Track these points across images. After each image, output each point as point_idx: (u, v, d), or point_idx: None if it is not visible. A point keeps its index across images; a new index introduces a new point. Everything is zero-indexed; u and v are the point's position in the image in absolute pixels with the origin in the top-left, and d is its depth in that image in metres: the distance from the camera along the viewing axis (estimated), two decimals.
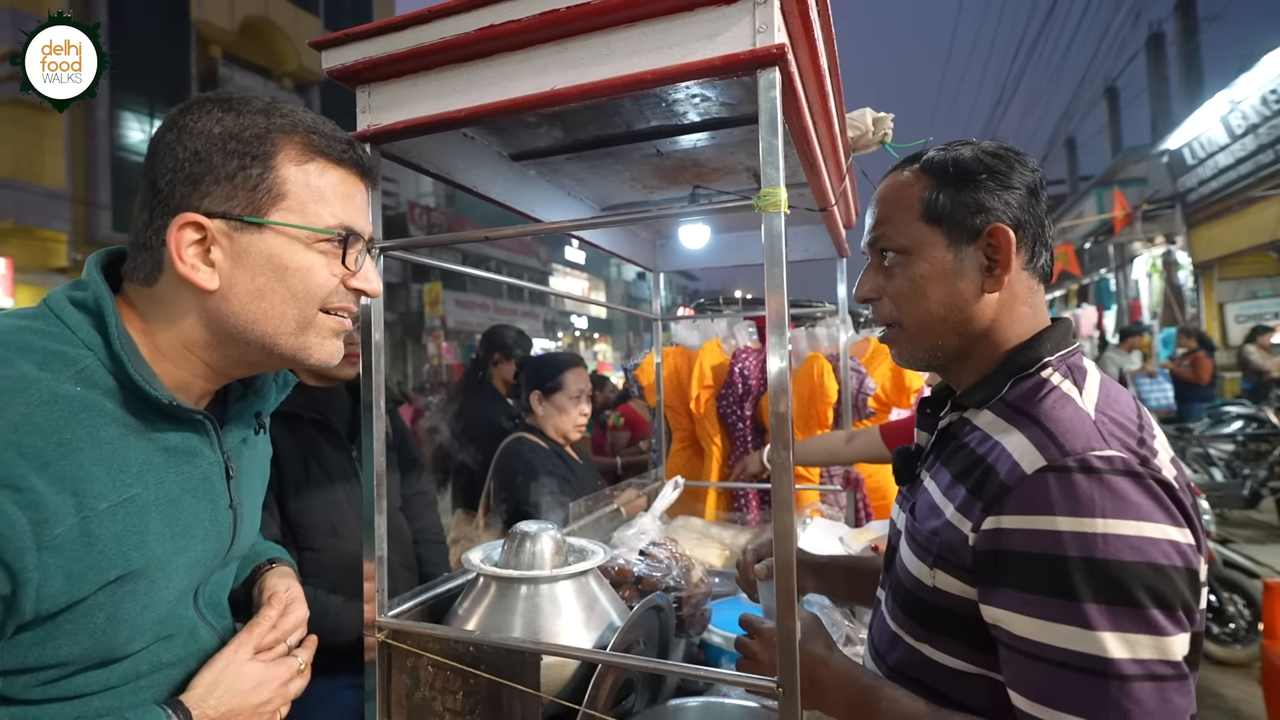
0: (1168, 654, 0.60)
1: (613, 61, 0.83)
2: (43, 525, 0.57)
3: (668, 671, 0.96)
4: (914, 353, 0.83)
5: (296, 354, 0.75)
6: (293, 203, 0.71)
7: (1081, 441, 0.65)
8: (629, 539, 1.49)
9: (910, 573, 0.78)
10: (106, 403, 0.65)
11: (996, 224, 0.75)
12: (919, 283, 0.79)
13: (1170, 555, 0.61)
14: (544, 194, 1.51)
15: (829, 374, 2.30)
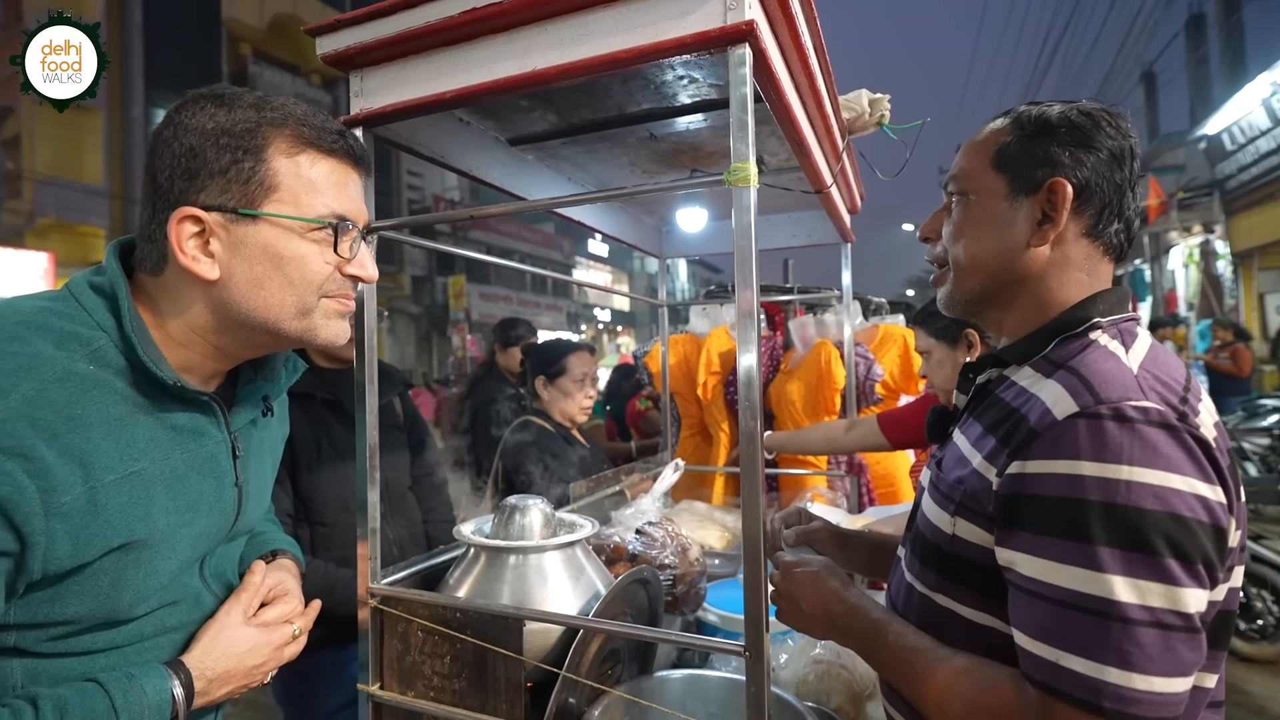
0: (1179, 604, 0.59)
1: (590, 41, 0.84)
2: (51, 493, 0.61)
3: (639, 637, 0.98)
4: (953, 294, 0.84)
5: (302, 335, 0.78)
6: (285, 194, 0.73)
7: (1119, 391, 0.64)
8: (626, 518, 1.51)
9: (931, 522, 0.78)
10: (117, 381, 0.69)
11: (1057, 179, 0.74)
12: (970, 225, 0.80)
13: (1195, 509, 0.60)
14: (543, 178, 1.53)
15: (836, 360, 2.30)
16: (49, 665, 0.67)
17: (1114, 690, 0.58)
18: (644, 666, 1.17)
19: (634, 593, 1.09)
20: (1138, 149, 0.77)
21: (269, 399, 0.88)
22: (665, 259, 2.27)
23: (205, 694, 0.75)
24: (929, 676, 0.70)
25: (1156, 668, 0.58)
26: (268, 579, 0.87)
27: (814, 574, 0.85)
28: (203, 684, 0.74)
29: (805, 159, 1.20)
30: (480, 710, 0.93)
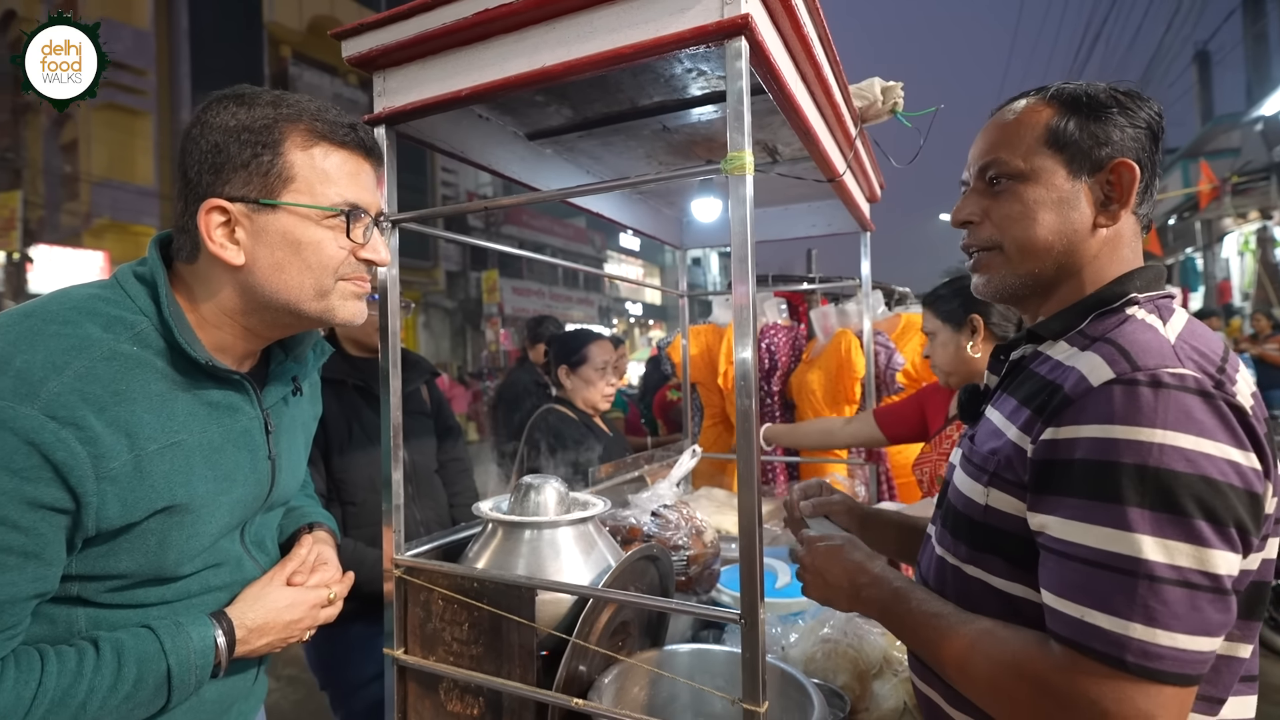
0: (1207, 565, 0.59)
1: (595, 38, 0.88)
2: (100, 459, 0.68)
3: (642, 604, 1.02)
4: (1006, 279, 0.82)
5: (321, 315, 0.83)
6: (301, 184, 0.79)
7: (1155, 359, 0.64)
8: (643, 501, 1.56)
9: (964, 494, 0.79)
10: (158, 361, 0.76)
11: (1122, 159, 0.75)
12: (1032, 207, 0.78)
13: (1227, 473, 0.60)
14: (561, 171, 1.58)
15: (856, 349, 2.30)
16: (108, 615, 0.75)
17: (1138, 645, 0.59)
18: (654, 641, 1.21)
19: (643, 569, 1.13)
20: (1164, 127, 0.78)
21: (298, 379, 0.95)
22: (685, 249, 2.30)
23: (245, 643, 0.82)
24: (951, 638, 0.71)
25: (1182, 625, 0.59)
26: (311, 551, 0.94)
27: (838, 548, 0.87)
28: (243, 633, 0.81)
29: (814, 147, 1.22)
30: (496, 674, 0.98)
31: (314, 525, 1.03)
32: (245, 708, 0.94)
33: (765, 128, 1.41)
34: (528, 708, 0.96)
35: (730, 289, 3.05)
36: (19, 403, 0.64)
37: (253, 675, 0.92)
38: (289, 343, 0.94)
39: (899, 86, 1.41)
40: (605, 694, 0.97)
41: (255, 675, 0.93)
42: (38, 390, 0.65)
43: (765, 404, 2.61)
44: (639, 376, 4.59)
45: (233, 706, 0.90)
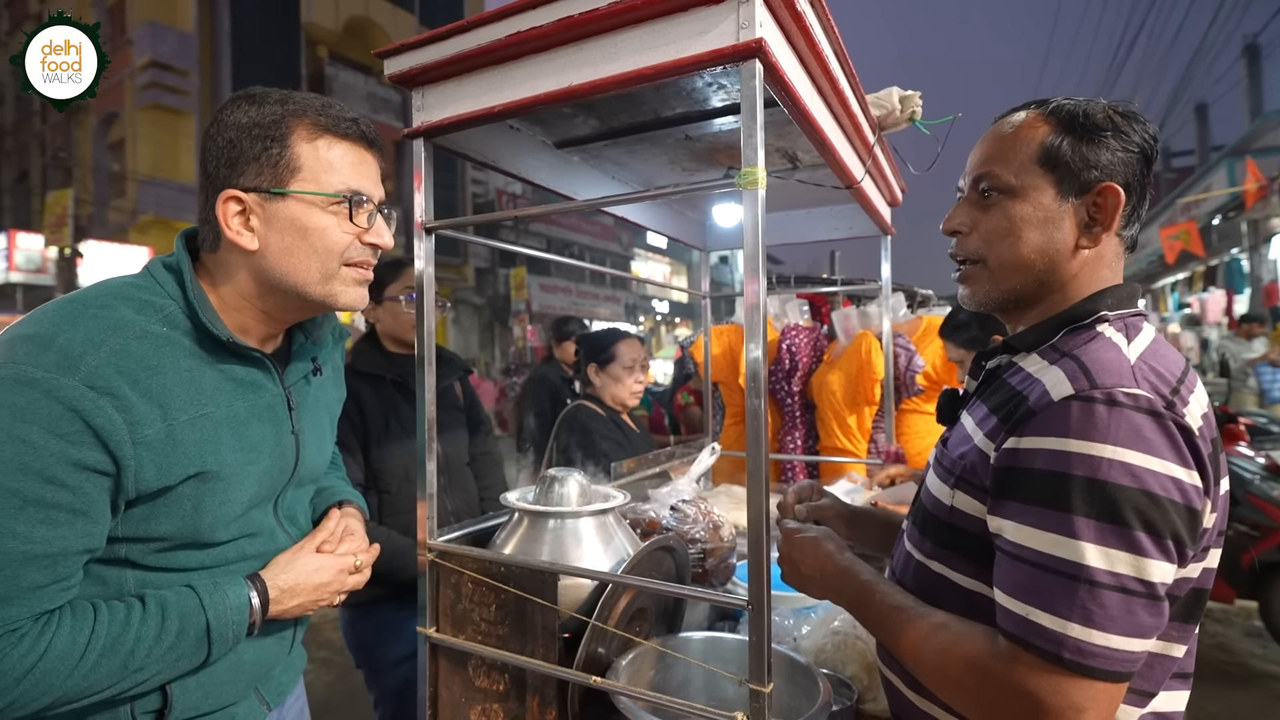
0: (1144, 574, 0.64)
1: (619, 59, 0.94)
2: (135, 426, 0.75)
3: (655, 589, 1.08)
4: (989, 294, 0.85)
5: (325, 299, 0.90)
6: (307, 174, 0.86)
7: (1113, 378, 0.68)
8: (663, 496, 1.62)
9: (932, 495, 0.84)
10: (186, 340, 0.83)
11: (1108, 183, 0.77)
12: (1017, 224, 0.80)
13: (1169, 489, 0.65)
14: (588, 178, 1.64)
15: (876, 351, 2.32)
16: (153, 577, 0.84)
17: (1074, 643, 0.64)
18: (670, 629, 1.27)
19: (660, 559, 1.19)
20: (1158, 151, 0.80)
21: (318, 360, 1.03)
22: (708, 251, 2.34)
23: (278, 603, 0.90)
24: (910, 629, 0.77)
25: (1116, 627, 0.64)
26: (340, 524, 1.02)
27: (812, 539, 0.93)
28: (275, 593, 0.90)
29: (830, 156, 1.26)
30: (521, 653, 1.05)
31: (343, 503, 1.11)
32: (284, 677, 1.03)
33: (785, 136, 1.45)
34: (550, 685, 1.03)
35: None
36: (62, 375, 0.71)
37: (289, 641, 1.00)
38: (308, 326, 1.01)
39: (917, 95, 1.44)
40: (622, 674, 1.03)
41: (291, 643, 1.01)
42: (78, 364, 0.73)
43: (786, 405, 2.64)
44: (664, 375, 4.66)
45: (272, 671, 0.98)
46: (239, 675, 0.91)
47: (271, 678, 0.99)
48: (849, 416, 2.44)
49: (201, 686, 0.87)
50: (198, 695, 0.87)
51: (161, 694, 0.84)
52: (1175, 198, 15.41)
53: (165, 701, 0.84)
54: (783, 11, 0.91)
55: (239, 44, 15.11)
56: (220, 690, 0.89)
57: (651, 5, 0.89)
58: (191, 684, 0.86)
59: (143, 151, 14.44)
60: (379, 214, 0.93)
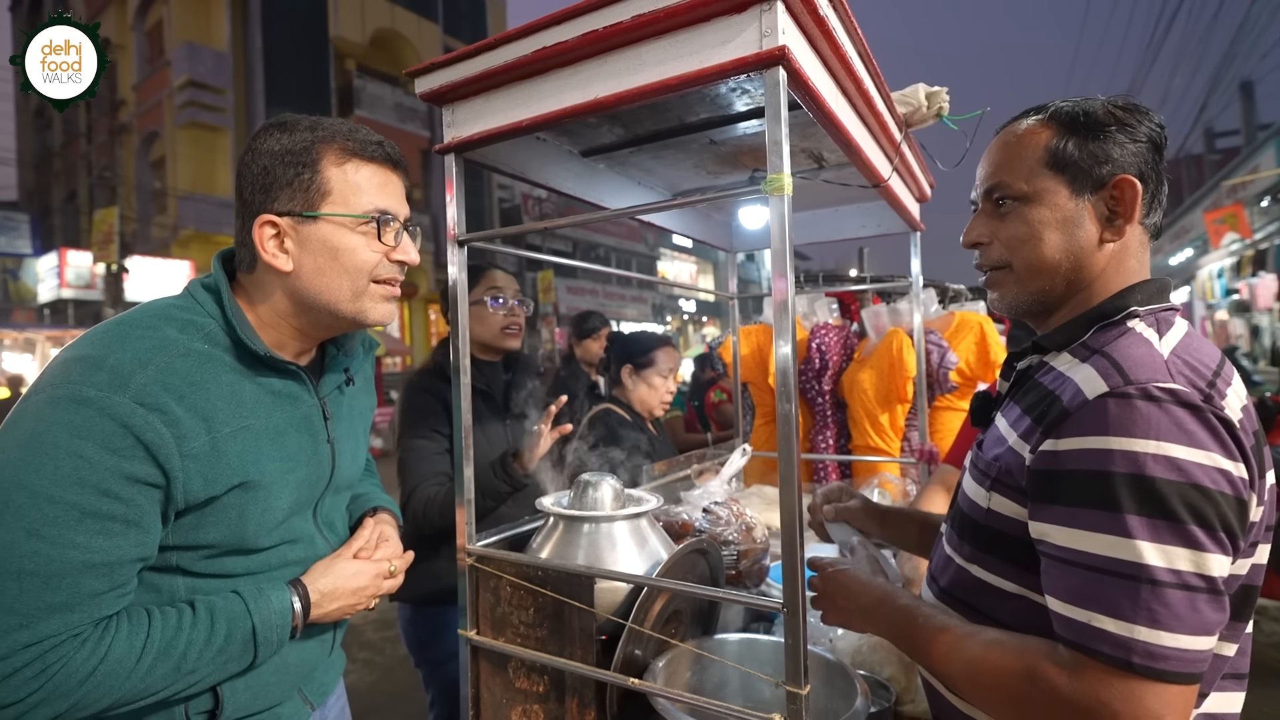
0: (1204, 568, 0.63)
1: (644, 70, 0.96)
2: (182, 439, 0.79)
3: (691, 592, 1.09)
4: (1019, 296, 0.86)
5: (355, 316, 0.94)
6: (337, 197, 0.91)
7: (1147, 373, 0.68)
8: (695, 498, 1.63)
9: (969, 497, 0.84)
10: (226, 356, 0.88)
11: (1123, 175, 0.77)
12: (1037, 228, 0.81)
13: (1218, 481, 0.63)
14: (614, 185, 1.66)
15: (908, 348, 2.30)
16: (202, 584, 0.88)
17: (1143, 647, 0.62)
18: (705, 630, 1.28)
19: (694, 562, 1.20)
20: (1166, 138, 0.80)
21: (349, 371, 1.07)
22: (735, 252, 2.34)
23: (319, 606, 0.94)
24: (958, 650, 0.75)
25: (1184, 626, 0.62)
26: (374, 531, 1.07)
27: (844, 573, 0.92)
28: (316, 597, 0.94)
29: (856, 157, 1.26)
30: (559, 655, 1.07)
31: (377, 510, 1.15)
32: (325, 678, 1.07)
33: (810, 137, 1.45)
34: (589, 686, 1.05)
35: None
36: (113, 393, 0.76)
37: (330, 644, 1.04)
38: (339, 339, 1.06)
39: (944, 91, 1.43)
40: (658, 676, 1.05)
41: (332, 645, 1.05)
42: (127, 382, 0.77)
43: (816, 404, 2.63)
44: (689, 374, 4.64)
45: (313, 673, 1.02)
46: (284, 676, 0.96)
47: (314, 678, 1.04)
48: (881, 415, 2.42)
49: (250, 688, 0.91)
50: (246, 696, 0.91)
51: (213, 695, 0.88)
52: (1220, 179, 14.85)
53: (216, 703, 0.88)
54: (805, 17, 0.91)
55: (271, 60, 15.53)
56: (267, 691, 0.94)
57: (674, 16, 0.90)
58: (240, 685, 0.90)
59: (182, 169, 14.94)
60: (405, 231, 0.97)
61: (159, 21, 15.99)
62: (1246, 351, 12.43)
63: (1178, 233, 18.36)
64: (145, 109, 16.38)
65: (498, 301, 1.82)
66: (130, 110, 17.00)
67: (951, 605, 0.85)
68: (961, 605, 0.84)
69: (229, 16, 15.45)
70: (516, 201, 20.62)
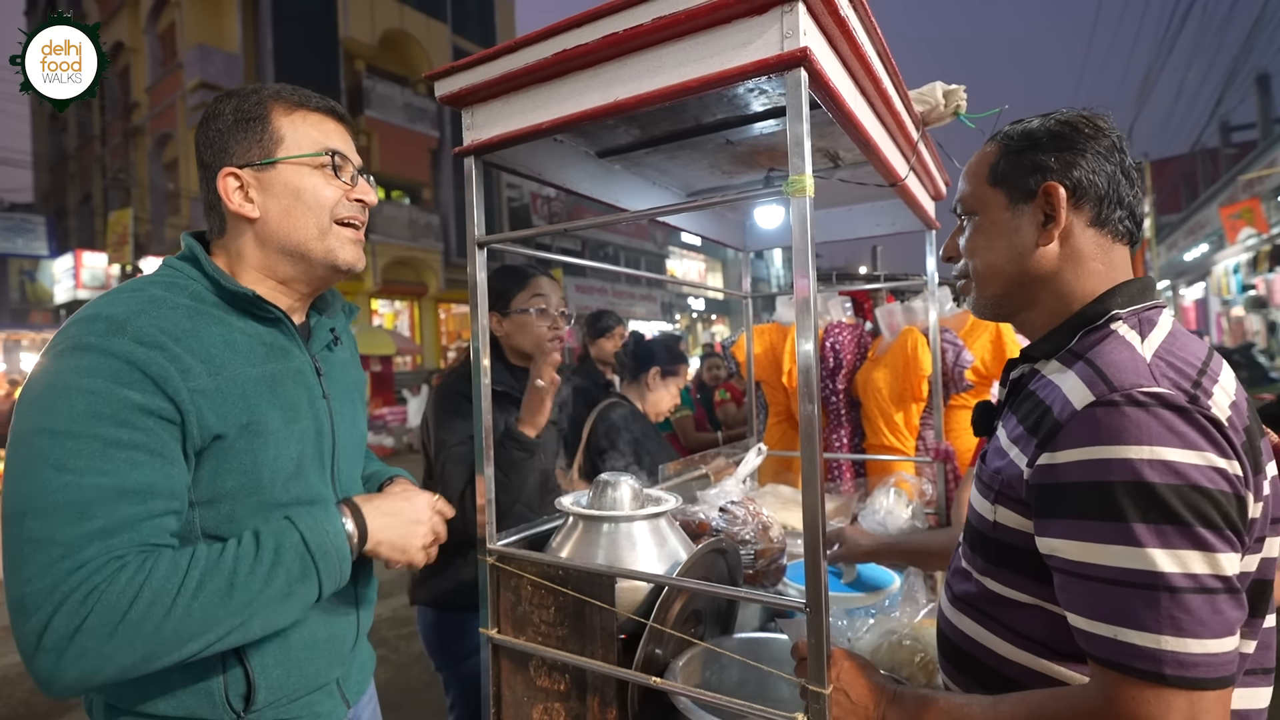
0: (1217, 569, 0.63)
1: (664, 73, 0.96)
2: (186, 374, 0.82)
3: (712, 592, 1.10)
4: (978, 299, 0.93)
5: (326, 257, 0.98)
6: (290, 143, 0.96)
7: (1130, 379, 0.69)
8: (711, 498, 1.63)
9: (976, 511, 0.85)
10: (214, 310, 0.91)
11: (1049, 182, 0.82)
12: (984, 238, 0.89)
13: (1215, 480, 0.64)
14: (629, 185, 1.67)
15: (923, 347, 2.29)
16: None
17: (1172, 657, 0.62)
18: (725, 630, 1.29)
19: (713, 562, 1.20)
20: (1122, 142, 0.84)
21: (335, 331, 1.09)
22: (749, 251, 2.34)
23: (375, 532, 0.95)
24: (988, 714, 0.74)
25: (1208, 630, 0.62)
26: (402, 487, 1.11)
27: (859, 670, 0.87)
28: (371, 514, 0.96)
29: (874, 156, 1.26)
30: (580, 654, 1.08)
31: (394, 478, 1.18)
32: (361, 675, 1.09)
33: (826, 136, 1.45)
34: (610, 685, 1.06)
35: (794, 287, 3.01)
36: (112, 337, 0.79)
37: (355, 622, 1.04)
38: (318, 304, 1.10)
39: (961, 90, 1.43)
40: (678, 675, 1.05)
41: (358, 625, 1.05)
42: (124, 328, 0.80)
43: (830, 402, 2.62)
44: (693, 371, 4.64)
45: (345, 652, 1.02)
46: (314, 653, 0.96)
47: (350, 675, 1.05)
48: (896, 414, 2.41)
49: (280, 664, 0.92)
50: (278, 673, 0.91)
51: (244, 674, 0.88)
52: (1237, 174, 14.66)
53: (249, 683, 0.89)
54: (826, 18, 0.91)
55: (281, 61, 15.62)
56: (300, 668, 0.94)
57: (695, 19, 0.90)
58: (270, 660, 0.91)
59: (195, 170, 15.00)
60: (360, 176, 1.03)
61: (171, 24, 16.13)
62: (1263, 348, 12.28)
63: (1193, 228, 18.16)
64: (158, 111, 16.54)
65: (543, 310, 1.79)
66: (143, 113, 17.16)
67: (966, 613, 0.86)
68: (977, 613, 0.84)
69: (240, 19, 15.56)
70: (525, 201, 20.67)
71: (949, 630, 0.90)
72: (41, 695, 3.35)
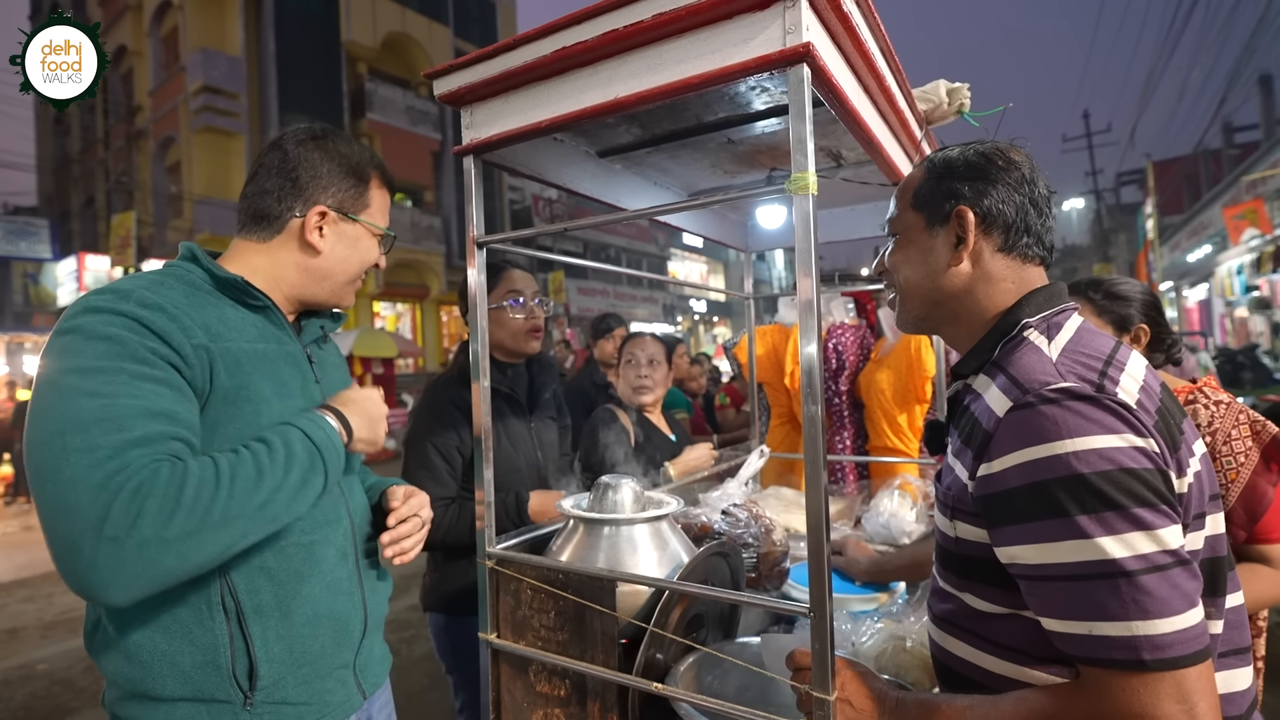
0: (1162, 544, 0.65)
1: (665, 69, 0.95)
2: (186, 331, 0.87)
3: (714, 597, 1.08)
4: (902, 315, 0.97)
5: (339, 295, 1.10)
6: (373, 211, 1.10)
7: (1039, 379, 0.73)
8: (713, 500, 1.62)
9: (939, 529, 0.87)
10: (209, 296, 0.96)
11: (960, 207, 0.87)
12: (903, 257, 0.93)
13: (1138, 459, 0.66)
14: (630, 185, 1.65)
15: (927, 348, 2.28)
16: None
17: (1146, 641, 0.63)
18: (726, 634, 1.27)
19: (715, 565, 1.19)
20: (1034, 174, 0.88)
21: (324, 329, 1.15)
22: (751, 252, 2.33)
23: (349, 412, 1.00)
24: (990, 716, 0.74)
25: (1170, 607, 0.64)
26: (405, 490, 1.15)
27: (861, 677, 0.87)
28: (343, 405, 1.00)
29: (877, 155, 1.25)
30: (580, 659, 1.06)
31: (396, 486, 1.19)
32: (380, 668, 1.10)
33: (829, 135, 1.44)
34: (610, 690, 1.04)
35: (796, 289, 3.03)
36: (119, 302, 0.85)
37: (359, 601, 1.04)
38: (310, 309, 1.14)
39: (965, 88, 1.41)
40: (680, 680, 1.04)
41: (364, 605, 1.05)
42: (129, 295, 0.86)
43: (833, 404, 2.61)
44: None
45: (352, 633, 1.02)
46: (318, 629, 0.96)
47: (368, 666, 1.05)
48: (899, 415, 2.39)
49: (281, 639, 0.92)
50: (279, 648, 0.91)
51: (246, 649, 0.89)
52: (1240, 174, 14.62)
53: (250, 658, 0.89)
54: (829, 14, 0.90)
55: (284, 65, 15.66)
56: (305, 646, 0.94)
57: (696, 14, 0.89)
58: (271, 635, 0.91)
59: (198, 173, 15.09)
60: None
61: (174, 28, 16.17)
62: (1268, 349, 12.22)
63: (1196, 229, 18.10)
64: (161, 114, 16.57)
65: (518, 303, 1.79)
66: (146, 116, 17.20)
67: (949, 631, 0.86)
68: (961, 631, 0.84)
69: (242, 22, 15.59)
70: (527, 203, 20.69)
71: (936, 651, 0.90)
72: (41, 699, 3.34)
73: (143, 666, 0.87)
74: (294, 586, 0.94)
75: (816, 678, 0.84)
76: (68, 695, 3.37)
